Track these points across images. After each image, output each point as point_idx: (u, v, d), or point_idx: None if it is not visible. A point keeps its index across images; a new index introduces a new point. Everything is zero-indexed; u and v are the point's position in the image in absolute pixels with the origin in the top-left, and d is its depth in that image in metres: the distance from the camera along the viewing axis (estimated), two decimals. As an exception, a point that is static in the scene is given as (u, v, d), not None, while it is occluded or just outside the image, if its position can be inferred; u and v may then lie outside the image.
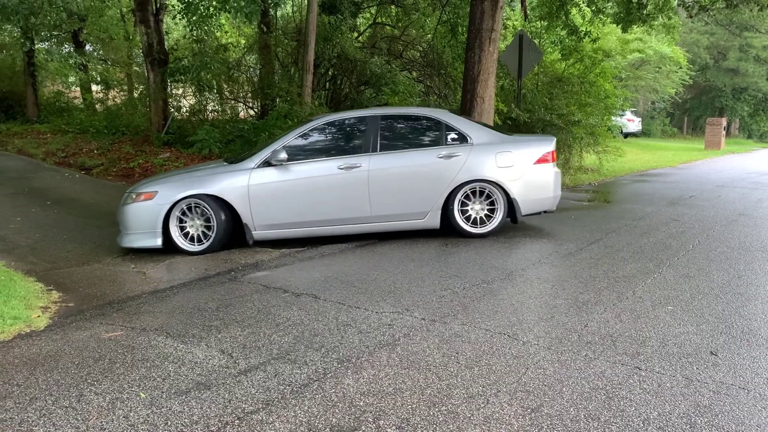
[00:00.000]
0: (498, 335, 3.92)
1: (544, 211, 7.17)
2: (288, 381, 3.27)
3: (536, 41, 13.71)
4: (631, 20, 12.81)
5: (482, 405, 3.01)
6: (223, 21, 15.89)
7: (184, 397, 3.11)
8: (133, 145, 13.51)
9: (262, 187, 6.43)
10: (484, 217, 6.83)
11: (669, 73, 31.52)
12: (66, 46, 20.03)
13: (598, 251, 6.27)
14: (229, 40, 17.38)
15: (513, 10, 17.06)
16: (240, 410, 2.97)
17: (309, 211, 6.53)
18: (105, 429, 2.81)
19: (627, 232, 7.27)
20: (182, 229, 6.45)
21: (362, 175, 6.53)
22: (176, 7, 13.19)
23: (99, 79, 21.58)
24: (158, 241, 6.37)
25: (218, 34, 15.95)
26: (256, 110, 16.12)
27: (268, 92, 13.68)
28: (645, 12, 12.51)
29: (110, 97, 20.56)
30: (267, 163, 6.51)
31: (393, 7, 15.97)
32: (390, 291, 4.89)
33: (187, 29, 13.05)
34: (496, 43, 9.95)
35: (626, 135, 30.10)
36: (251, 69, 16.46)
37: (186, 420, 2.88)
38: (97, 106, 19.91)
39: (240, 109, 16.52)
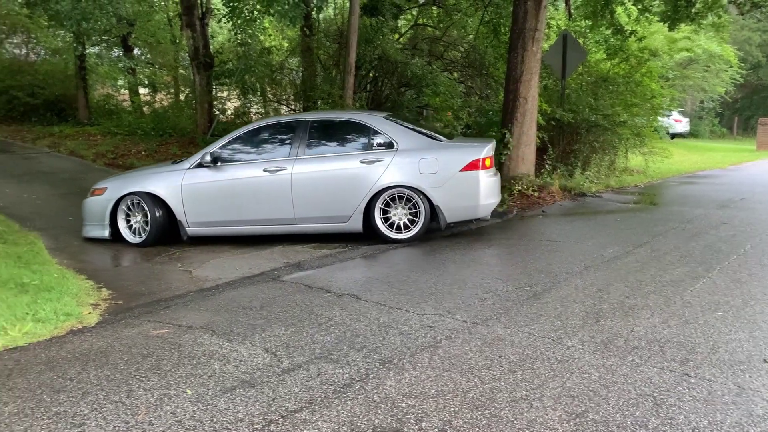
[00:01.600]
0: (542, 339, 3.87)
1: (476, 219, 6.97)
2: (331, 380, 3.30)
3: (580, 41, 13.50)
4: (679, 18, 12.47)
5: (526, 409, 2.98)
6: (266, 24, 16.10)
7: (229, 394, 3.16)
8: (180, 146, 13.81)
9: (193, 187, 6.81)
10: (408, 223, 6.75)
11: (719, 72, 30.62)
12: (115, 50, 20.60)
13: (645, 255, 6.13)
14: (273, 44, 17.62)
15: (557, 10, 16.82)
16: (284, 409, 3.00)
17: (237, 210, 6.79)
18: (153, 424, 2.88)
19: (675, 236, 7.10)
20: (128, 222, 6.98)
21: (285, 178, 6.67)
22: (221, 11, 13.43)
23: (146, 82, 22.10)
24: (106, 233, 7.00)
25: (262, 37, 16.18)
26: (298, 112, 16.28)
27: (310, 94, 13.80)
28: (693, 10, 12.17)
29: (157, 100, 21.04)
30: (200, 165, 6.86)
31: (434, 8, 15.93)
32: (431, 293, 4.88)
33: (232, 33, 13.28)
34: (540, 42, 9.84)
35: (673, 136, 29.36)
36: (294, 71, 16.64)
37: (231, 417, 2.93)
38: (144, 109, 20.40)
39: (283, 111, 16.72)
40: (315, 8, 13.66)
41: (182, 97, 20.17)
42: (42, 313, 4.41)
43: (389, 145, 6.74)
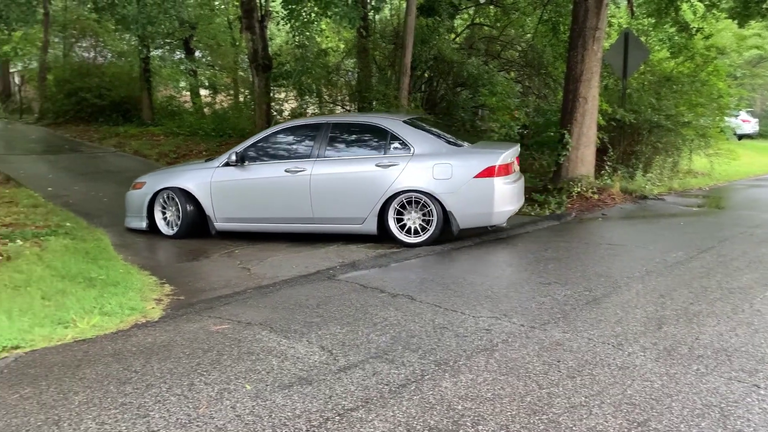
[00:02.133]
0: (601, 345, 3.78)
1: (491, 227, 6.87)
2: (386, 380, 3.31)
3: (643, 39, 13.11)
4: (749, 15, 11.95)
5: (585, 416, 2.92)
6: (323, 26, 16.29)
7: (287, 391, 3.21)
8: (238, 146, 14.08)
9: (221, 184, 7.14)
10: (419, 228, 6.68)
11: (791, 70, 29.23)
12: (177, 52, 21.23)
13: (711, 260, 5.91)
14: (329, 45, 17.80)
15: (618, 8, 16.39)
16: (340, 407, 3.03)
17: (260, 208, 7.06)
18: (213, 418, 2.96)
19: (742, 241, 6.81)
20: (164, 215, 7.43)
21: (305, 178, 6.82)
22: (280, 14, 13.66)
23: (207, 83, 22.68)
24: (143, 224, 7.48)
25: (318, 39, 16.37)
26: (352, 113, 16.37)
27: (365, 95, 13.87)
28: (765, 6, 11.65)
29: (218, 101, 21.56)
30: (227, 163, 7.16)
31: (492, 7, 15.77)
32: (487, 295, 4.83)
33: (290, 35, 13.47)
34: (601, 41, 9.63)
35: (741, 137, 28.16)
36: (349, 72, 16.77)
37: (289, 413, 2.97)
38: (205, 110, 20.93)
39: (337, 111, 16.87)
40: (372, 9, 13.73)
41: (241, 99, 20.61)
42: (108, 307, 4.59)
43: (406, 149, 6.72)
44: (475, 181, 6.45)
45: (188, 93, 23.03)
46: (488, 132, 12.68)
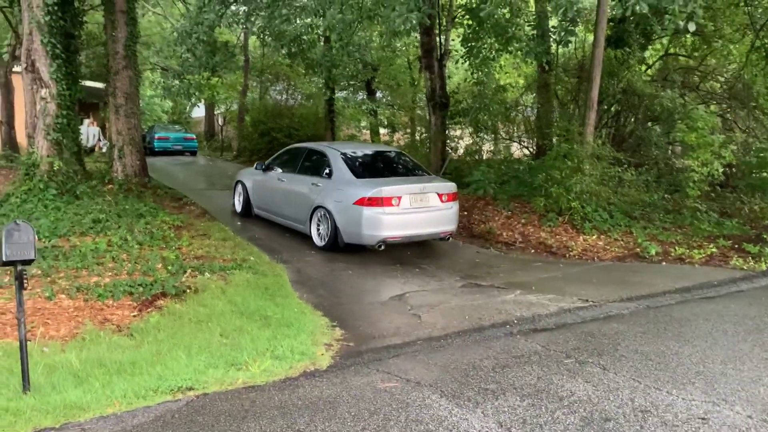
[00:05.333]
0: None
1: (370, 246, 7.95)
2: (577, 477, 2.77)
3: None
4: None
5: None
6: (502, 62, 15.99)
7: (458, 476, 2.80)
8: (413, 184, 14.07)
9: (256, 183, 10.41)
10: (326, 235, 8.36)
11: None
12: (360, 93, 22.11)
13: None
14: (508, 81, 17.41)
15: None
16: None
17: (269, 203, 9.93)
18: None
19: None
20: (239, 198, 10.94)
21: (284, 185, 9.47)
22: (459, 52, 13.59)
23: (386, 122, 23.32)
24: (232, 202, 11.23)
25: (497, 75, 16.05)
26: (530, 149, 15.76)
27: (546, 131, 13.23)
28: None
29: (395, 140, 22.02)
30: (258, 168, 10.34)
31: (689, 36, 14.40)
32: (698, 371, 4.05)
33: (468, 72, 13.31)
34: (833, 67, 8.21)
35: None
36: (528, 108, 16.21)
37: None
38: (383, 148, 21.45)
39: (513, 148, 16.34)
40: (560, 42, 13.12)
41: (418, 137, 20.84)
42: (279, 350, 4.53)
43: (329, 175, 8.58)
44: (353, 206, 7.92)
45: (368, 131, 23.84)
46: (686, 170, 11.42)
